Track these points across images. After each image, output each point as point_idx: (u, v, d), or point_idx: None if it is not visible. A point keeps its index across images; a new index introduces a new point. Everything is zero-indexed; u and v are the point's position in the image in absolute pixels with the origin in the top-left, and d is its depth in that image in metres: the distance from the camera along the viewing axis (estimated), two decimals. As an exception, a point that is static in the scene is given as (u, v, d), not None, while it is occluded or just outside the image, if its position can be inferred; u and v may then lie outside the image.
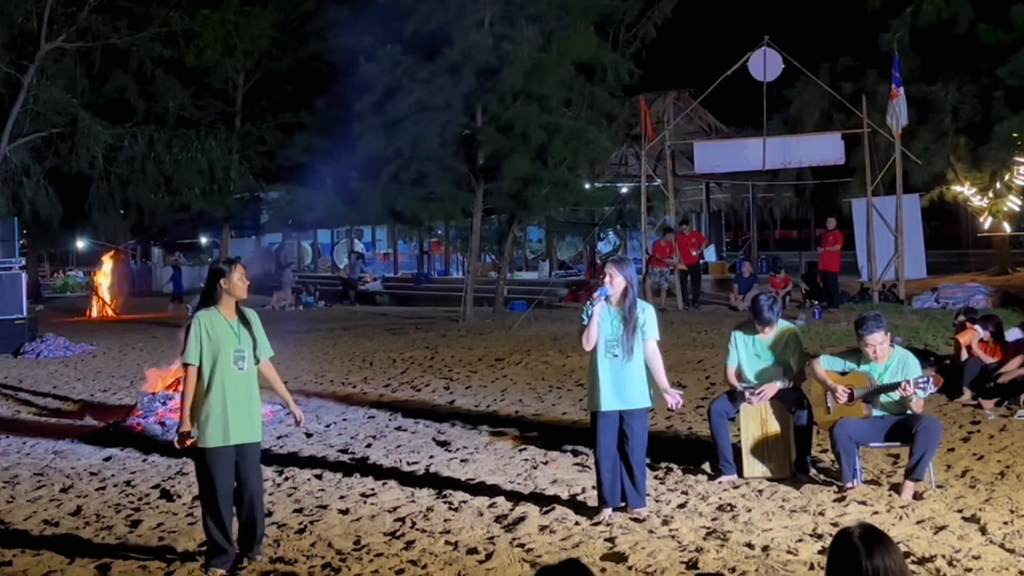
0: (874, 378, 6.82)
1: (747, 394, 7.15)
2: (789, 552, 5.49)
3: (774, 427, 7.16)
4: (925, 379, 6.58)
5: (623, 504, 6.37)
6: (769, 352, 7.30)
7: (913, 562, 5.22)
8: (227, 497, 5.57)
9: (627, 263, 6.57)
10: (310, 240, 40.90)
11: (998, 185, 23.78)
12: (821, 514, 6.17)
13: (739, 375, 7.43)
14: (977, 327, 10.22)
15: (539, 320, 18.58)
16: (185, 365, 5.62)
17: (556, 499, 6.80)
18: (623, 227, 25.99)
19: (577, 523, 6.23)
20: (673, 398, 6.50)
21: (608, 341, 6.33)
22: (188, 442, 5.57)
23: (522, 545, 5.80)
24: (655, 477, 7.23)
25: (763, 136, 20.11)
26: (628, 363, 6.32)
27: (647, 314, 6.44)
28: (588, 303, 6.42)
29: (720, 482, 7.03)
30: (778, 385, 7.14)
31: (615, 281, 6.34)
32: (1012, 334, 10.29)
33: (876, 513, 6.14)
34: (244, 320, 5.70)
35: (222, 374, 5.57)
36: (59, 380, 14.02)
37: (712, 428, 7.25)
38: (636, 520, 6.19)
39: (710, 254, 27.05)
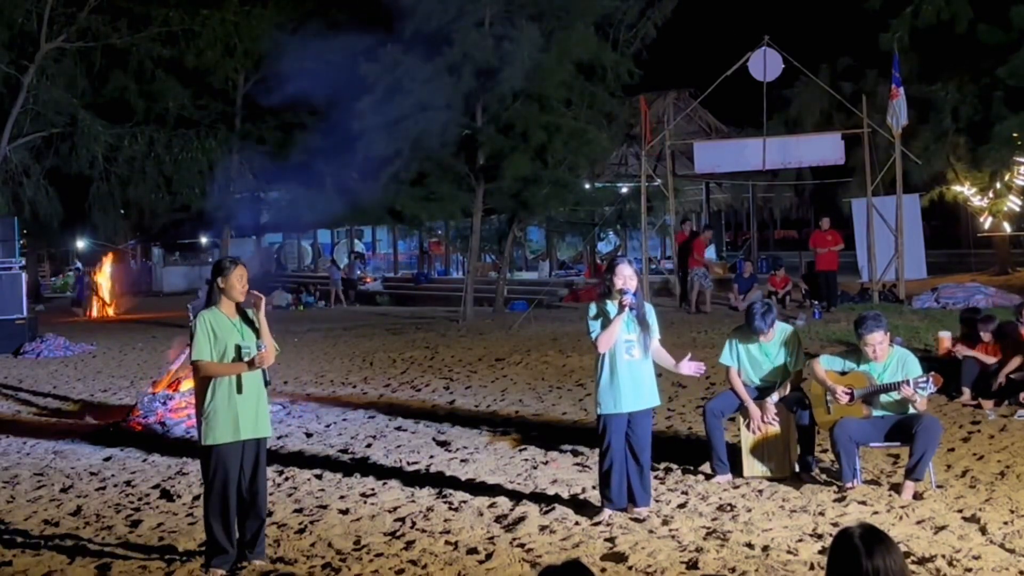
0: (874, 378, 6.81)
1: (753, 422, 7.16)
2: (789, 552, 5.49)
3: (773, 427, 7.16)
4: (925, 378, 6.58)
5: (625, 504, 6.37)
6: (770, 354, 7.31)
7: (913, 562, 5.21)
8: (233, 495, 5.58)
9: (633, 263, 6.61)
10: (310, 240, 40.90)
11: (998, 185, 23.80)
12: (821, 514, 6.17)
13: (741, 377, 7.44)
14: (945, 336, 10.49)
15: (539, 320, 18.58)
16: (195, 363, 5.61)
17: (556, 499, 6.80)
18: (623, 227, 26.00)
19: (577, 523, 6.23)
20: (690, 368, 6.51)
21: (626, 342, 6.32)
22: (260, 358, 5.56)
23: (522, 545, 5.80)
24: (655, 477, 7.23)
25: (763, 136, 20.11)
26: (644, 362, 6.35)
27: (653, 313, 6.49)
28: (605, 303, 6.34)
29: (717, 482, 7.03)
30: (774, 399, 7.14)
31: (633, 282, 6.33)
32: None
33: (876, 513, 6.14)
34: (246, 318, 5.72)
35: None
36: (59, 380, 14.02)
37: (707, 428, 7.25)
38: (636, 520, 6.19)
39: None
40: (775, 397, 7.15)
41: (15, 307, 17.57)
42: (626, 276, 6.30)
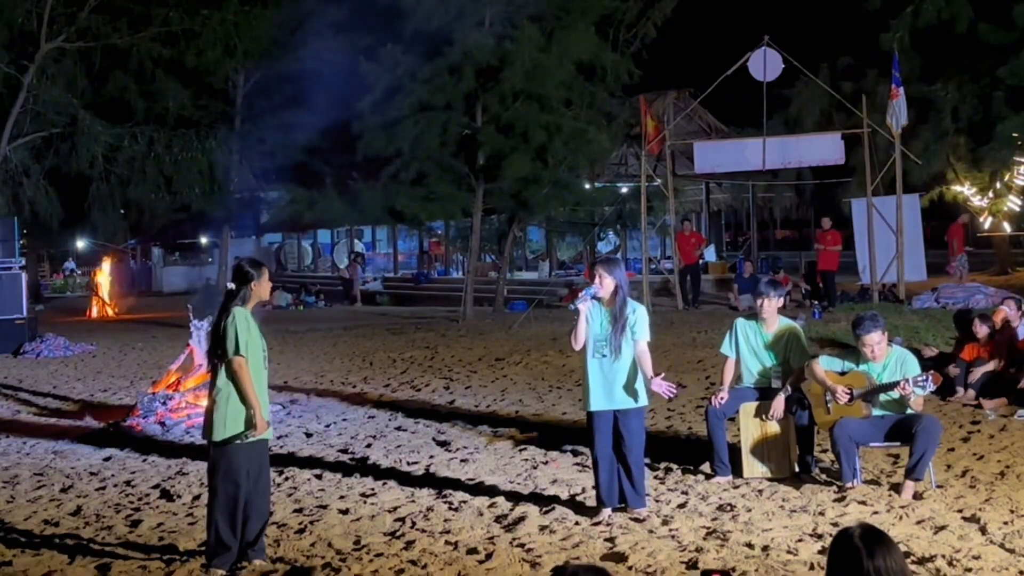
0: (873, 378, 6.82)
1: (716, 398, 7.29)
2: (789, 552, 5.49)
3: (774, 427, 7.17)
4: (924, 377, 6.58)
5: (622, 504, 6.36)
6: (771, 350, 7.31)
7: (913, 562, 5.21)
8: (243, 496, 5.59)
9: (617, 263, 6.54)
10: (310, 240, 40.89)
11: (998, 185, 23.80)
12: (821, 514, 6.17)
13: (739, 375, 7.44)
14: (1002, 308, 10.47)
15: (539, 320, 18.57)
16: (238, 358, 5.53)
17: (556, 499, 6.80)
18: (623, 227, 25.99)
19: (577, 523, 6.23)
20: (661, 387, 6.29)
21: (597, 341, 6.32)
22: (265, 430, 5.60)
23: (522, 545, 5.80)
24: (655, 477, 7.23)
25: (763, 136, 20.09)
26: (617, 363, 6.28)
27: (638, 315, 6.36)
28: (572, 302, 6.42)
29: (717, 482, 7.03)
30: (782, 398, 7.14)
31: (605, 282, 6.31)
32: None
33: (876, 513, 6.14)
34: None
35: (258, 372, 5.64)
36: (59, 380, 14.01)
37: (709, 428, 7.26)
38: (636, 520, 6.19)
39: (710, 254, 27.04)
40: (783, 396, 7.13)
41: (15, 307, 17.56)
42: (599, 275, 6.32)
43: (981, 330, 10.05)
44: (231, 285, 5.72)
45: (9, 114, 23.90)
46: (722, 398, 7.23)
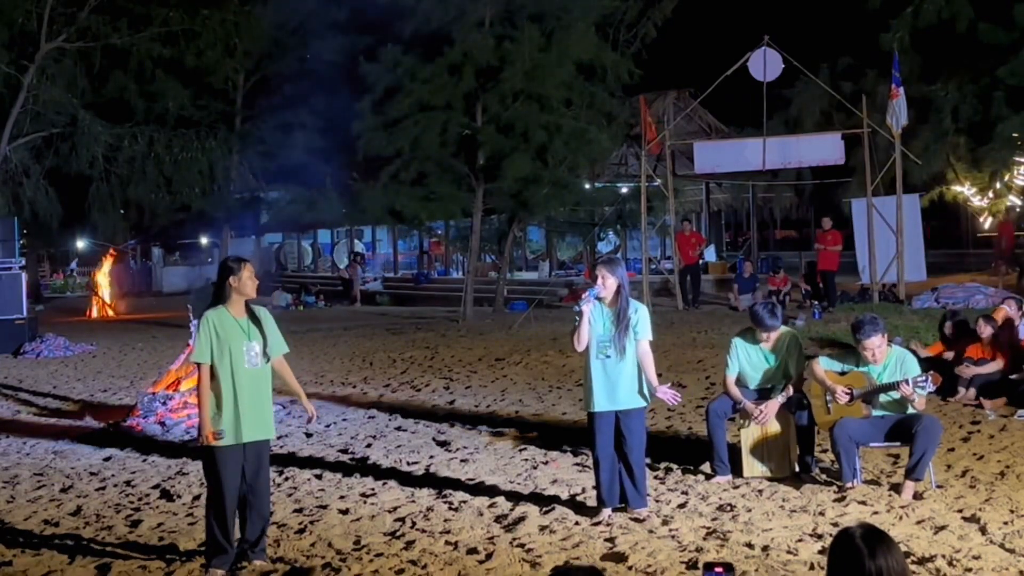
0: (873, 378, 6.82)
1: (751, 417, 7.13)
2: (789, 552, 5.49)
3: (774, 427, 7.16)
4: (924, 378, 6.59)
5: (623, 504, 6.37)
6: (771, 356, 7.30)
7: (913, 562, 5.21)
8: (234, 495, 5.58)
9: (618, 263, 6.51)
10: (310, 240, 40.91)
11: (998, 185, 23.80)
12: (821, 514, 6.17)
13: (739, 381, 7.43)
14: (1002, 307, 10.51)
15: (539, 320, 18.57)
16: (197, 364, 5.62)
17: (556, 499, 6.80)
18: (623, 227, 26.00)
19: (577, 523, 6.23)
20: (666, 395, 6.41)
21: (600, 342, 6.31)
22: (213, 439, 5.52)
23: (522, 545, 5.80)
24: (655, 477, 7.23)
25: (763, 136, 20.09)
26: (620, 363, 6.28)
27: (640, 314, 6.36)
28: (576, 303, 6.41)
29: (717, 482, 7.03)
30: (779, 401, 7.12)
31: (607, 282, 6.29)
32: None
33: (876, 513, 6.14)
34: (254, 318, 5.71)
35: (233, 372, 5.57)
36: (59, 380, 14.02)
37: (709, 428, 7.25)
38: (636, 520, 6.19)
39: (710, 254, 27.04)
40: (780, 399, 7.12)
41: (15, 307, 17.55)
42: (601, 276, 6.30)
43: (985, 330, 10.04)
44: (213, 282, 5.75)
45: (9, 114, 23.93)
46: (755, 407, 7.15)
